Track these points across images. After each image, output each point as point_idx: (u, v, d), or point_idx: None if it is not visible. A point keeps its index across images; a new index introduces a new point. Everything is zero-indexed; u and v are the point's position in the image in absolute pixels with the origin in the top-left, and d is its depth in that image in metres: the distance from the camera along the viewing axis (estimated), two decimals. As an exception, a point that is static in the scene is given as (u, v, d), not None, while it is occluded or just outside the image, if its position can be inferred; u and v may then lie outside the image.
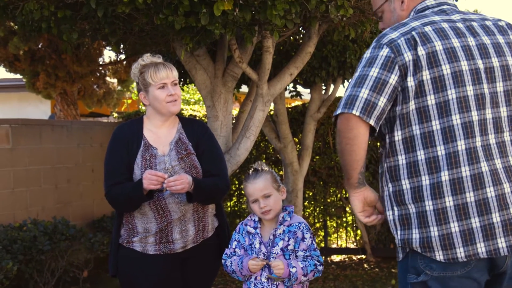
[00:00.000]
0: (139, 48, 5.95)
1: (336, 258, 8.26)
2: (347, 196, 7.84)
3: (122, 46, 6.10)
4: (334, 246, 8.67)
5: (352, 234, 8.68)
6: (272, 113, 7.57)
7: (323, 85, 7.26)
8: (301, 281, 3.01)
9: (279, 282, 3.01)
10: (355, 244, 8.51)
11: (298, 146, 7.71)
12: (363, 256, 8.13)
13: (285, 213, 3.12)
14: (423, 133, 2.35)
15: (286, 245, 3.05)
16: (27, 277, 5.88)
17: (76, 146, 7.27)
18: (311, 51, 5.66)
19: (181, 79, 6.80)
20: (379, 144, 2.55)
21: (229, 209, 8.51)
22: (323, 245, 8.38)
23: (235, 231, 3.21)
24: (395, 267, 7.35)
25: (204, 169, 3.33)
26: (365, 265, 7.75)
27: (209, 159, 3.35)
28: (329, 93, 7.32)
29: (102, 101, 10.21)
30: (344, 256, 8.31)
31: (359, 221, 7.82)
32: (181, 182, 3.10)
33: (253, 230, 3.12)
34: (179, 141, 3.35)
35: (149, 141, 3.32)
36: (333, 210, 8.24)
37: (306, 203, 8.31)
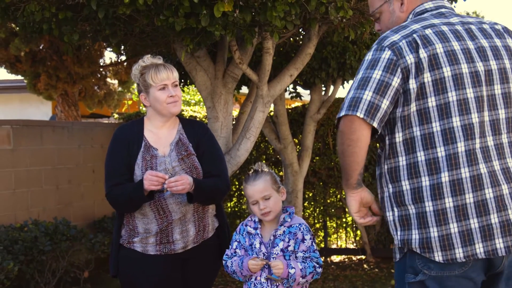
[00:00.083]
0: (140, 49, 5.96)
1: (336, 258, 8.27)
2: (347, 196, 7.83)
3: (122, 47, 6.12)
4: (334, 246, 8.67)
5: (351, 234, 8.69)
6: (272, 114, 7.57)
7: (323, 86, 7.27)
8: (300, 283, 3.01)
9: (279, 283, 3.01)
10: (355, 244, 8.52)
11: (298, 147, 7.71)
12: (363, 256, 8.13)
13: (286, 214, 3.13)
14: (424, 135, 2.36)
15: (286, 246, 3.05)
16: (28, 278, 5.89)
17: (77, 147, 7.28)
18: (311, 52, 5.67)
19: (182, 80, 6.80)
20: (378, 145, 2.55)
21: (229, 209, 8.51)
22: (323, 245, 8.39)
23: (235, 232, 3.21)
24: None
25: (204, 170, 3.33)
26: (365, 266, 7.75)
27: (209, 160, 3.36)
28: (329, 94, 7.31)
29: (102, 102, 10.22)
30: (343, 256, 8.31)
31: (358, 222, 7.81)
32: (182, 182, 3.11)
33: (253, 230, 3.13)
34: (179, 142, 3.35)
35: (149, 142, 3.32)
36: (333, 210, 8.24)
37: (306, 204, 8.32)
